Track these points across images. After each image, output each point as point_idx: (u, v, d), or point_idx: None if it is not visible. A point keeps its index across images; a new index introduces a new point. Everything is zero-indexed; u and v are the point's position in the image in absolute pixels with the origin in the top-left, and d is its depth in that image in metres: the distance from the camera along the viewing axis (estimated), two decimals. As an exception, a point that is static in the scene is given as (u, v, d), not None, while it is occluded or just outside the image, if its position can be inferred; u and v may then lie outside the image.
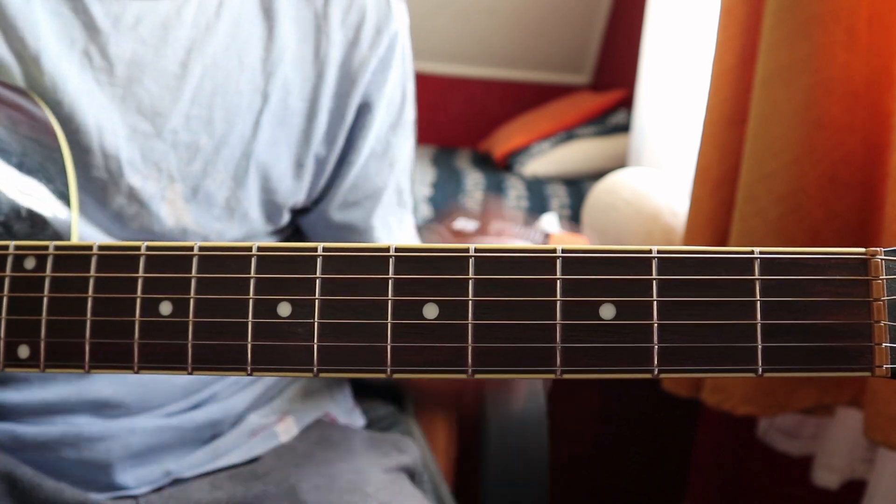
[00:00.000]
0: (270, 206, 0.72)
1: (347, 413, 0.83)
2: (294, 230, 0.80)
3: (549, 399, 0.88)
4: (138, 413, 0.68)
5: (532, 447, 0.86)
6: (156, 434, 0.68)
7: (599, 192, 1.50)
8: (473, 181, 2.33)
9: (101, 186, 0.65)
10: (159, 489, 0.68)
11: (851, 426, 1.21)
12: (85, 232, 0.65)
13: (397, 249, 0.39)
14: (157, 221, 0.67)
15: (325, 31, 0.70)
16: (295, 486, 0.68)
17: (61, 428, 0.65)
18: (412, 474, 0.77)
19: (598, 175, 1.91)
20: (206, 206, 0.69)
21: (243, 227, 0.71)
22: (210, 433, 0.71)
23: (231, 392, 0.74)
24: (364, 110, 0.73)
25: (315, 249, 0.40)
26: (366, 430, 0.82)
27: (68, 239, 0.55)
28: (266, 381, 0.77)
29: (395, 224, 0.79)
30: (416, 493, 0.73)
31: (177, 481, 0.69)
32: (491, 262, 0.39)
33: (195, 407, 0.72)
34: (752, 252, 0.38)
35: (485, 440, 0.86)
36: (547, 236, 1.70)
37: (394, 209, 0.79)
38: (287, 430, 0.74)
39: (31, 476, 0.62)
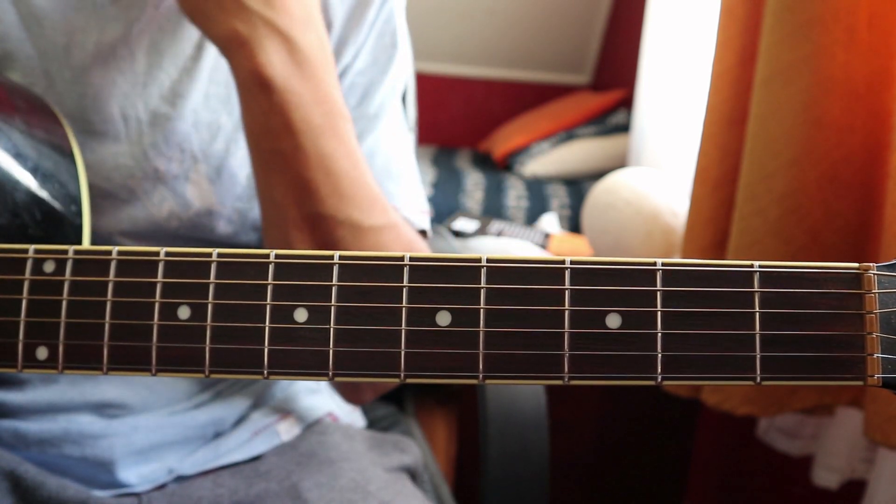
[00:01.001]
0: None
1: (348, 413, 0.83)
2: None
3: (549, 399, 0.88)
4: (141, 412, 0.69)
5: (532, 447, 0.86)
6: (158, 432, 0.68)
7: (599, 192, 1.50)
8: (473, 181, 2.33)
9: (127, 173, 0.66)
10: (162, 487, 0.68)
11: (851, 426, 1.21)
12: (111, 223, 0.66)
13: (412, 259, 0.40)
14: (183, 203, 0.67)
15: (326, 7, 0.70)
16: (297, 484, 0.68)
17: (64, 426, 0.65)
18: (413, 474, 0.78)
19: (598, 175, 1.91)
20: (229, 185, 0.69)
21: None
22: (212, 431, 0.72)
23: (233, 391, 0.74)
24: (340, 48, 0.72)
25: (331, 258, 0.41)
26: (367, 430, 0.83)
27: (80, 242, 0.56)
28: (268, 380, 0.77)
29: (387, 139, 0.75)
30: (416, 492, 0.74)
31: (179, 479, 0.69)
32: (502, 272, 0.40)
33: (198, 406, 0.72)
34: (752, 265, 0.39)
35: (485, 440, 0.86)
36: (547, 237, 1.71)
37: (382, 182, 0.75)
38: (289, 430, 0.75)
39: (35, 474, 0.63)
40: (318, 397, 0.79)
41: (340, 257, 0.41)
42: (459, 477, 1.05)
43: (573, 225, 2.08)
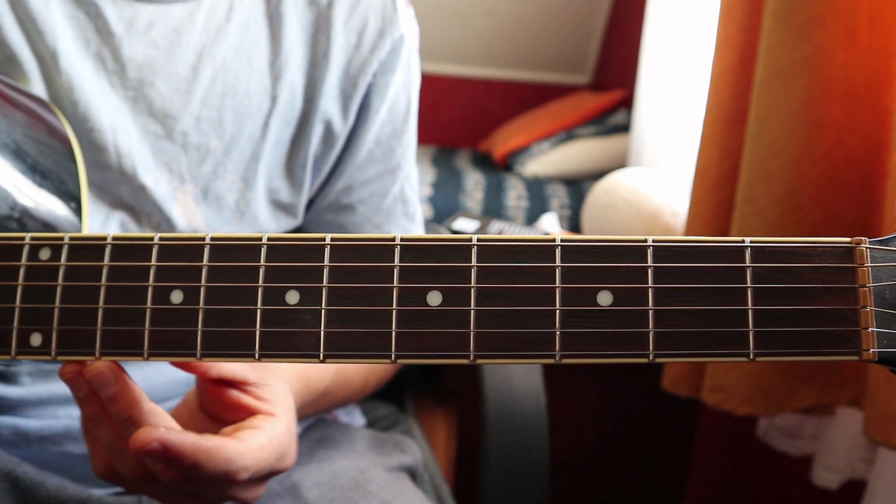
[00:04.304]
0: (277, 207, 0.73)
1: (348, 413, 0.83)
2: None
3: (549, 399, 0.88)
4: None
5: (532, 447, 0.86)
6: (158, 430, 0.68)
7: (599, 192, 1.50)
8: (473, 181, 2.33)
9: (116, 185, 0.65)
10: (162, 486, 0.68)
11: (851, 426, 1.21)
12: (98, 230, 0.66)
13: (402, 239, 0.40)
14: (169, 222, 0.67)
15: (328, 34, 0.70)
16: (297, 483, 0.68)
17: (65, 422, 0.65)
18: (413, 474, 0.78)
19: (598, 175, 1.92)
20: (216, 207, 0.69)
21: (253, 229, 0.72)
22: (212, 430, 0.72)
23: (233, 389, 0.74)
24: (363, 112, 0.73)
25: (323, 239, 0.41)
26: (367, 429, 0.83)
27: None
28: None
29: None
30: (417, 492, 0.74)
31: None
32: (493, 250, 0.40)
33: (198, 403, 0.72)
34: (744, 241, 0.39)
35: (485, 440, 0.86)
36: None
37: (398, 220, 0.79)
38: (289, 429, 0.75)
39: (33, 474, 0.62)
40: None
41: (332, 238, 0.41)
42: (459, 477, 1.05)
43: (573, 225, 2.08)
